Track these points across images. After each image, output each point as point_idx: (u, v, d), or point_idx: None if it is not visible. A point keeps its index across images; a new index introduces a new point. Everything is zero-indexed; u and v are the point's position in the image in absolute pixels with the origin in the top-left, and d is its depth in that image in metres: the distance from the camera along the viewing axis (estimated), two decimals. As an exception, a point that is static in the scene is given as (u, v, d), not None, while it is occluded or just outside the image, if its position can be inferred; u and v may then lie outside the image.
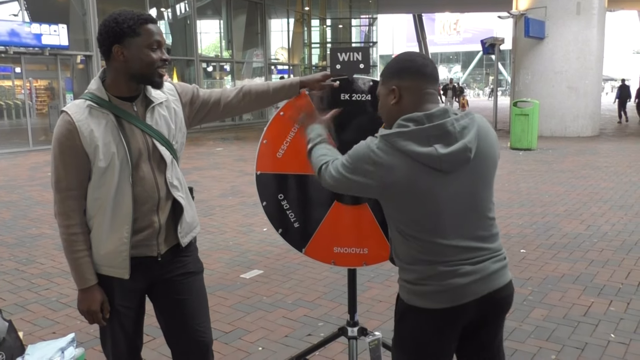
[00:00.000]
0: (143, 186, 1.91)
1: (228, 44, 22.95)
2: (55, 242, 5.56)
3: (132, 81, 1.90)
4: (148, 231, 1.95)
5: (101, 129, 1.85)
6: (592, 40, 15.15)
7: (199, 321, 2.11)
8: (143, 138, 1.92)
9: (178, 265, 2.06)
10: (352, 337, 2.64)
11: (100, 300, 1.94)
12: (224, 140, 15.78)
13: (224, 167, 10.60)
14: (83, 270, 1.92)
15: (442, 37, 60.98)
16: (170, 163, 1.98)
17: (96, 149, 1.84)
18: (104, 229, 1.91)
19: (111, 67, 1.89)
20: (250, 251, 5.22)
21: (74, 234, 1.90)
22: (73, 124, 1.83)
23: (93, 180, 1.89)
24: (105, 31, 1.85)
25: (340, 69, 2.38)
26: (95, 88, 1.90)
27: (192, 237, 2.11)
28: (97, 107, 1.87)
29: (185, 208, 2.03)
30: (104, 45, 1.87)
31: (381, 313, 3.75)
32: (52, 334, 3.48)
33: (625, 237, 5.49)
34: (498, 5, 22.70)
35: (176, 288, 2.06)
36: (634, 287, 4.14)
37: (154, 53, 1.87)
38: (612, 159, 10.82)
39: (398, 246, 1.79)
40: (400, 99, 1.74)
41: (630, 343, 3.25)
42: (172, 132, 2.00)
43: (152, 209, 1.94)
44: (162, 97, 2.01)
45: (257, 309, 3.86)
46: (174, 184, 2.00)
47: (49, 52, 13.83)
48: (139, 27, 1.84)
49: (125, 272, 1.94)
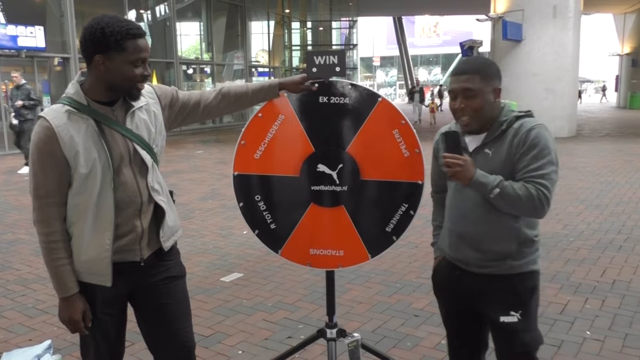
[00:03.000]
0: (125, 191, 1.89)
1: (208, 46, 22.85)
2: (31, 248, 5.48)
3: (110, 90, 1.87)
4: (130, 236, 1.92)
5: (81, 134, 1.82)
6: (568, 43, 15.40)
7: (182, 326, 2.09)
8: (124, 142, 1.90)
9: (161, 270, 2.04)
10: (331, 339, 2.65)
11: (81, 309, 1.91)
12: (204, 143, 15.70)
13: (204, 170, 10.54)
14: (64, 279, 1.88)
15: (421, 39, 61.40)
16: (151, 167, 1.97)
17: (77, 154, 1.81)
18: (85, 235, 1.88)
19: (91, 73, 1.86)
20: (230, 254, 5.20)
21: (53, 241, 1.86)
22: (52, 129, 1.79)
23: (74, 186, 1.86)
24: (90, 39, 1.80)
25: (317, 72, 2.39)
26: (74, 92, 1.86)
27: (174, 241, 2.09)
28: (76, 112, 1.83)
29: (167, 212, 2.01)
30: (86, 52, 1.83)
31: (361, 314, 3.77)
32: (28, 341, 3.43)
33: (600, 235, 5.58)
34: (477, 8, 22.93)
35: (159, 293, 2.04)
36: (609, 284, 4.22)
37: (136, 69, 1.83)
38: (588, 160, 11.00)
39: (530, 220, 1.98)
40: (497, 99, 1.97)
41: (605, 340, 3.31)
42: (152, 135, 1.99)
43: (134, 213, 1.92)
44: (142, 101, 1.99)
45: (237, 313, 3.85)
46: (155, 187, 1.98)
47: (25, 54, 13.65)
48: (126, 42, 1.80)
49: (107, 279, 1.90)
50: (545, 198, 1.86)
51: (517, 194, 1.86)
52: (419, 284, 4.31)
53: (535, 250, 2.02)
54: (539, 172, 1.87)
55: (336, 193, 2.46)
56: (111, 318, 1.99)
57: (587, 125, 19.07)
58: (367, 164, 2.44)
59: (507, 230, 1.97)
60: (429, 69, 65.06)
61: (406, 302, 3.97)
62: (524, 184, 1.87)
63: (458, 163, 1.91)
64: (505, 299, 2.00)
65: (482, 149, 1.98)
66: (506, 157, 1.92)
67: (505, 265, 1.98)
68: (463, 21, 50.07)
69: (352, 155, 2.43)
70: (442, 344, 3.29)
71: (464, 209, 2.03)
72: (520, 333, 2.00)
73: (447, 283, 2.16)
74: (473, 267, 2.04)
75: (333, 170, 2.45)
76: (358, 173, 2.44)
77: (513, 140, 1.91)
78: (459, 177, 1.92)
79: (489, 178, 1.89)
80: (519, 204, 1.87)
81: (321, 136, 2.44)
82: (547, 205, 1.88)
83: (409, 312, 3.78)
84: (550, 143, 1.90)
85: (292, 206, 2.52)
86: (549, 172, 1.87)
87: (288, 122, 2.45)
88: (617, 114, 25.64)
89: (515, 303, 1.99)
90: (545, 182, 1.86)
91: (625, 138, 15.21)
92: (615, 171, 9.55)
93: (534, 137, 1.88)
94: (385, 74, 65.03)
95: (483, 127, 1.98)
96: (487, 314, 2.05)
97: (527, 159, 1.88)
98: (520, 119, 1.96)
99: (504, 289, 1.99)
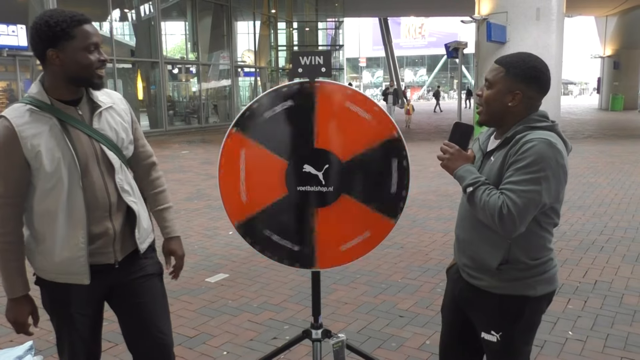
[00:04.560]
0: (93, 191, 1.86)
1: (194, 46, 22.74)
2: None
3: (71, 84, 1.84)
4: (103, 239, 1.90)
5: (44, 134, 1.78)
6: (551, 45, 15.54)
7: (159, 324, 2.07)
8: (89, 143, 1.87)
9: (137, 269, 2.02)
10: (316, 340, 2.65)
11: (28, 312, 1.91)
12: (190, 143, 15.62)
13: (190, 170, 10.49)
14: (13, 280, 1.87)
15: (407, 40, 61.65)
16: (119, 167, 1.93)
17: (38, 154, 1.77)
18: (58, 236, 1.85)
19: (48, 70, 1.82)
20: (215, 255, 5.18)
21: (7, 242, 1.84)
22: (12, 129, 1.76)
23: (39, 188, 1.82)
24: (37, 35, 1.77)
25: (302, 72, 2.39)
26: (36, 92, 1.83)
27: (149, 243, 2.08)
28: (39, 110, 1.80)
29: (139, 213, 1.99)
30: (37, 50, 1.79)
31: (346, 315, 3.77)
32: (9, 342, 3.38)
33: (583, 236, 5.65)
34: (462, 10, 23.07)
35: (135, 291, 2.02)
36: (591, 285, 4.27)
37: (91, 55, 1.80)
38: (571, 161, 11.11)
39: (529, 243, 1.85)
40: (517, 104, 1.83)
41: (587, 340, 3.35)
42: (120, 136, 1.95)
43: (104, 215, 1.89)
44: (109, 102, 1.96)
45: (222, 313, 3.83)
46: (125, 188, 1.95)
47: (7, 52, 13.47)
48: (73, 29, 1.76)
49: (84, 277, 1.89)
50: (509, 216, 1.70)
51: (484, 199, 1.75)
52: (404, 285, 4.32)
53: (533, 275, 1.86)
54: (514, 186, 1.72)
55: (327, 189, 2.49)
56: (86, 318, 1.98)
57: (569, 127, 19.28)
58: (340, 147, 2.45)
59: (493, 243, 1.85)
60: (414, 70, 65.34)
61: (391, 302, 3.98)
62: (499, 193, 1.75)
63: (449, 151, 1.88)
64: (486, 317, 1.93)
65: (491, 154, 1.90)
66: (500, 166, 1.81)
67: (490, 281, 1.88)
68: (448, 23, 50.41)
69: (323, 147, 2.44)
70: (427, 344, 3.30)
71: (462, 212, 2.01)
72: (499, 354, 1.93)
73: (450, 282, 2.14)
74: (464, 274, 2.00)
75: (319, 171, 2.46)
76: (337, 160, 2.45)
77: (510, 150, 1.79)
78: (446, 165, 1.90)
79: (471, 175, 1.82)
80: (480, 209, 1.77)
81: (286, 147, 2.46)
82: (511, 224, 1.71)
83: (394, 313, 3.80)
84: (545, 162, 1.71)
85: (300, 221, 2.52)
86: (525, 190, 1.70)
87: (250, 152, 2.48)
88: (599, 116, 25.96)
89: (495, 324, 1.91)
90: (515, 197, 1.70)
91: (607, 140, 15.41)
92: (598, 172, 9.67)
93: (526, 150, 1.73)
94: (371, 75, 65.18)
95: (495, 125, 1.92)
96: (476, 324, 2.01)
97: (512, 169, 1.75)
98: (534, 130, 1.80)
99: (487, 306, 1.92)
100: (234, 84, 23.24)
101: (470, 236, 1.94)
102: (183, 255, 2.23)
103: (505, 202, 1.71)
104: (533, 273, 1.87)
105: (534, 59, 1.86)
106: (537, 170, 1.71)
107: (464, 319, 2.07)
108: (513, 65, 1.83)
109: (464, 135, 1.90)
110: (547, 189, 1.73)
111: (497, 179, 1.81)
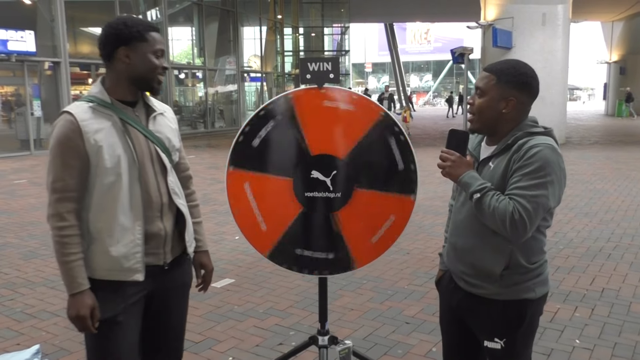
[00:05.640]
0: (148, 190, 1.91)
1: (200, 51, 22.83)
2: (20, 252, 5.43)
3: (133, 85, 1.91)
4: (155, 239, 1.94)
5: (106, 130, 1.84)
6: (557, 51, 15.53)
7: (180, 335, 2.14)
8: (146, 143, 1.93)
9: (179, 276, 2.07)
10: (323, 346, 2.65)
11: (90, 306, 1.84)
12: (196, 148, 15.65)
13: (196, 175, 10.41)
14: (74, 274, 1.83)
15: (413, 46, 61.72)
16: (170, 170, 2.00)
17: (100, 149, 1.82)
18: (116, 232, 1.86)
19: (113, 69, 1.90)
20: (221, 260, 5.19)
21: (67, 235, 1.82)
22: (76, 123, 1.81)
23: (98, 185, 1.85)
24: (113, 32, 1.86)
25: (311, 78, 2.40)
26: (97, 91, 1.90)
27: (194, 248, 2.14)
28: (100, 108, 1.86)
29: (188, 217, 2.05)
30: (108, 47, 1.88)
31: (352, 321, 3.77)
32: (16, 346, 3.39)
33: (590, 243, 5.62)
34: (467, 16, 23.08)
35: (171, 298, 2.06)
36: (598, 293, 4.24)
37: (157, 59, 1.90)
38: (578, 167, 11.08)
39: (530, 247, 1.86)
40: (511, 111, 1.85)
41: (594, 349, 3.33)
42: (171, 142, 2.03)
43: (156, 214, 1.93)
44: (163, 109, 2.05)
45: (228, 319, 3.84)
46: (175, 190, 2.01)
47: (15, 58, 13.55)
48: (146, 33, 1.88)
49: (140, 274, 1.90)
50: (521, 221, 1.71)
51: (494, 205, 1.74)
52: (410, 291, 4.32)
53: (532, 278, 1.88)
54: (524, 191, 1.72)
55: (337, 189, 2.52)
56: (133, 321, 1.95)
57: (576, 133, 19.23)
58: (336, 146, 2.48)
59: (496, 249, 1.85)
60: (420, 75, 65.39)
61: (397, 309, 3.97)
62: (508, 199, 1.75)
63: (450, 158, 1.87)
64: (490, 325, 1.93)
65: (487, 162, 1.90)
66: (503, 172, 1.81)
67: (492, 288, 1.88)
68: (454, 28, 50.38)
69: (320, 152, 2.48)
70: (433, 352, 3.29)
71: (459, 220, 1.99)
72: None
73: (444, 293, 2.13)
74: (462, 282, 1.98)
75: (327, 177, 2.47)
76: (338, 159, 2.47)
77: (513, 156, 1.79)
78: (448, 173, 1.88)
79: (477, 182, 1.81)
80: (489, 215, 1.76)
81: (284, 165, 2.51)
82: (522, 229, 1.72)
83: (400, 320, 3.79)
84: (550, 166, 1.74)
85: (324, 230, 2.54)
86: (535, 195, 1.72)
87: (253, 183, 2.52)
88: (605, 122, 25.88)
89: (499, 331, 1.91)
90: (526, 203, 1.71)
91: (614, 146, 15.35)
92: (605, 179, 9.63)
93: (532, 155, 1.74)
94: (377, 80, 65.26)
95: (488, 132, 1.92)
96: (477, 333, 2.01)
97: (519, 175, 1.75)
98: (533, 135, 1.82)
99: (490, 313, 1.91)
100: (240, 89, 23.31)
101: (471, 243, 1.92)
102: (212, 270, 2.28)
103: (516, 207, 1.72)
104: (531, 276, 1.88)
105: (523, 65, 1.89)
106: (544, 175, 1.73)
107: (461, 329, 2.06)
108: (504, 72, 1.85)
109: (460, 142, 1.90)
110: (552, 193, 1.76)
111: (500, 185, 1.81)
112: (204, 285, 2.25)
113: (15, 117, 15.00)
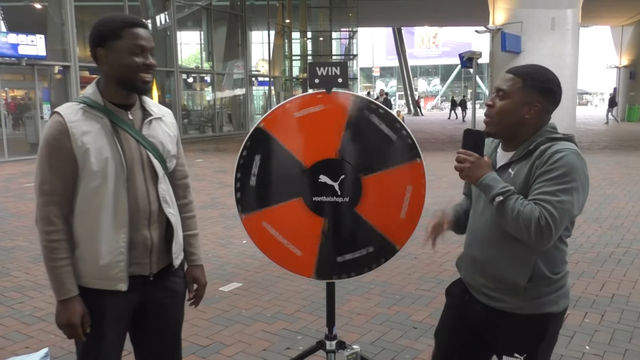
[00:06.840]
0: (135, 197, 1.84)
1: (208, 56, 22.93)
2: (29, 255, 5.46)
3: (119, 87, 1.85)
4: (141, 248, 1.87)
5: (94, 132, 1.79)
6: (566, 55, 15.48)
7: (177, 348, 2.08)
8: (137, 148, 1.87)
9: (168, 286, 1.99)
10: (331, 351, 2.64)
11: (80, 313, 1.80)
12: (204, 152, 15.70)
13: (204, 179, 10.54)
14: (63, 280, 1.78)
15: (421, 50, 61.66)
16: (162, 177, 1.92)
17: (86, 152, 1.77)
18: (100, 238, 1.81)
19: (100, 71, 1.86)
20: (229, 264, 5.19)
21: (55, 240, 1.78)
22: (64, 125, 1.76)
23: (82, 188, 1.80)
24: (93, 33, 1.83)
25: (319, 82, 2.41)
26: (91, 92, 1.85)
27: (181, 259, 2.06)
28: (91, 109, 1.82)
29: (176, 227, 1.97)
30: (91, 49, 1.84)
31: (360, 326, 3.76)
32: (25, 349, 3.41)
33: (599, 249, 5.58)
34: (476, 20, 23.05)
35: (162, 311, 1.99)
36: (608, 298, 4.21)
37: (136, 57, 1.80)
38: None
39: (553, 257, 1.82)
40: (532, 116, 1.80)
41: (604, 355, 3.30)
42: (166, 148, 1.96)
43: (143, 223, 1.86)
44: (161, 114, 1.99)
45: (236, 323, 3.83)
46: (166, 199, 1.93)
47: (25, 62, 13.66)
48: (122, 30, 1.79)
49: (123, 283, 1.83)
50: (547, 227, 1.64)
51: (518, 209, 1.66)
52: (418, 296, 4.30)
53: (555, 290, 1.82)
54: (550, 197, 1.66)
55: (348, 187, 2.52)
56: (117, 335, 1.91)
57: (585, 138, 19.12)
58: (325, 148, 2.47)
59: (519, 260, 1.79)
60: (428, 79, 65.29)
61: (405, 314, 3.96)
62: (533, 203, 1.67)
63: (469, 159, 1.78)
64: (510, 340, 1.85)
65: (507, 168, 1.83)
66: (525, 178, 1.74)
67: (514, 302, 1.82)
68: (462, 32, 50.30)
69: (314, 161, 2.48)
70: (441, 357, 3.27)
71: (478, 230, 1.92)
72: None
73: (459, 304, 2.04)
74: (482, 296, 1.91)
75: (335, 181, 2.47)
76: (333, 160, 2.47)
77: (535, 162, 1.73)
78: (467, 175, 1.79)
79: (499, 184, 1.73)
80: (512, 220, 1.68)
81: (287, 189, 2.51)
82: (548, 236, 1.66)
83: (408, 324, 3.77)
84: (576, 172, 1.69)
85: (353, 231, 2.54)
86: (562, 201, 1.66)
87: (269, 218, 2.56)
88: (615, 127, 25.72)
89: (520, 346, 1.84)
90: (551, 208, 1.65)
91: (624, 151, 15.25)
92: (614, 184, 9.57)
93: (557, 160, 1.69)
94: (384, 85, 65.23)
95: (506, 137, 1.86)
96: (493, 347, 1.95)
97: (543, 180, 1.69)
98: (555, 141, 1.77)
99: (511, 329, 1.84)
100: (248, 93, 23.37)
101: (493, 255, 1.85)
102: (206, 284, 2.18)
103: (542, 212, 1.65)
104: (555, 288, 1.83)
105: (549, 71, 1.84)
106: (569, 180, 1.68)
107: (471, 341, 2.00)
108: (531, 76, 1.79)
109: (477, 143, 1.83)
110: (577, 199, 1.71)
111: (522, 193, 1.74)
112: (195, 300, 2.15)
113: (25, 121, 15.13)
